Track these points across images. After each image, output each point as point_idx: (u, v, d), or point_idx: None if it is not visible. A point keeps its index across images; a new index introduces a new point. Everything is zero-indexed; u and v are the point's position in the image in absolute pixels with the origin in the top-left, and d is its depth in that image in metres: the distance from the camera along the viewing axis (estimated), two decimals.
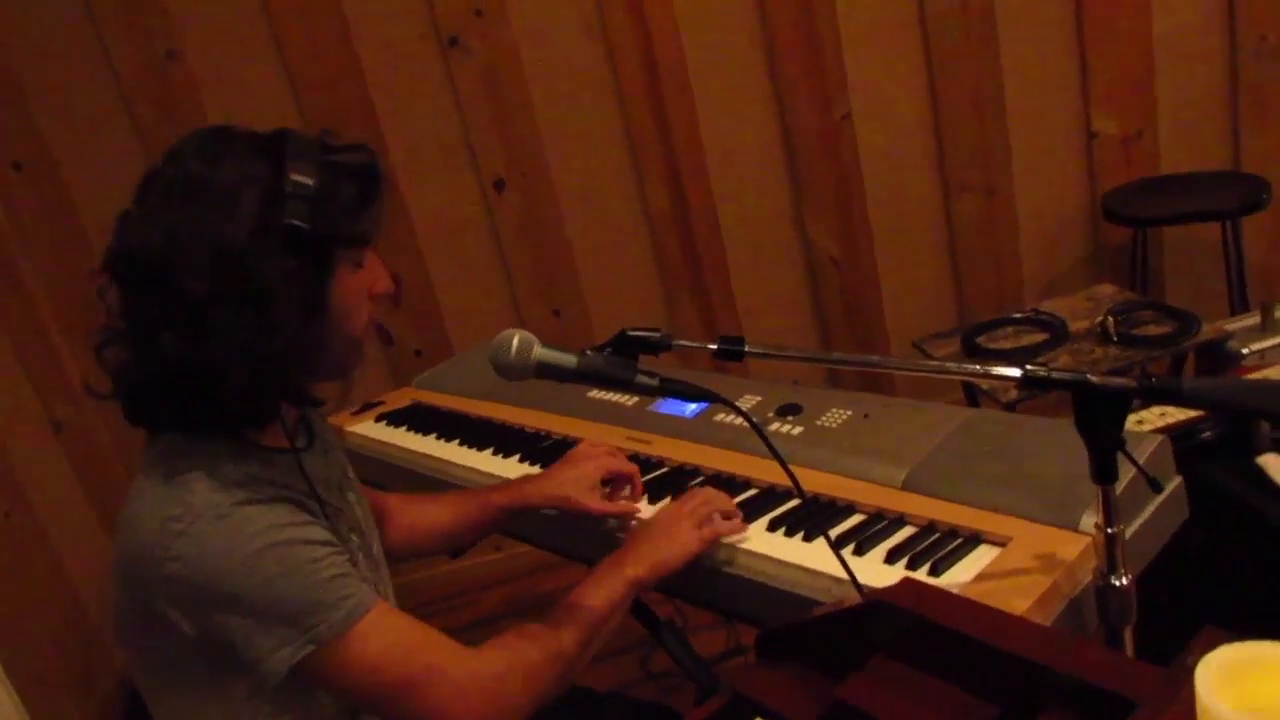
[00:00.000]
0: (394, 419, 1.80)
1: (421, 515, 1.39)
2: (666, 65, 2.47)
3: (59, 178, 2.43)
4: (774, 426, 1.41)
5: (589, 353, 0.99)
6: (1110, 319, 1.94)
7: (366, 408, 1.87)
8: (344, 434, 1.81)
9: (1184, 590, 1.67)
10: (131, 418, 0.98)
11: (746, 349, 1.02)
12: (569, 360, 0.97)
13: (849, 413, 1.40)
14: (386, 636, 0.95)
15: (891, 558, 1.10)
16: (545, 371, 0.97)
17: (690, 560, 1.16)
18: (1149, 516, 1.10)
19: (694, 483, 1.36)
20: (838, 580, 1.07)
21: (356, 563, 1.05)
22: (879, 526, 1.17)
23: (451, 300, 2.63)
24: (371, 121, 2.45)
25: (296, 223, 0.91)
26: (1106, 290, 2.18)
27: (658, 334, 1.04)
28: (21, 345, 2.33)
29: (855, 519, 1.20)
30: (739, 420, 1.46)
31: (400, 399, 1.90)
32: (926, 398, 1.47)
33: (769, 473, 1.31)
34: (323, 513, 1.00)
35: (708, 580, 1.20)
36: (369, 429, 1.79)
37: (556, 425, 1.62)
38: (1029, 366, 0.92)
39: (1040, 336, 2.00)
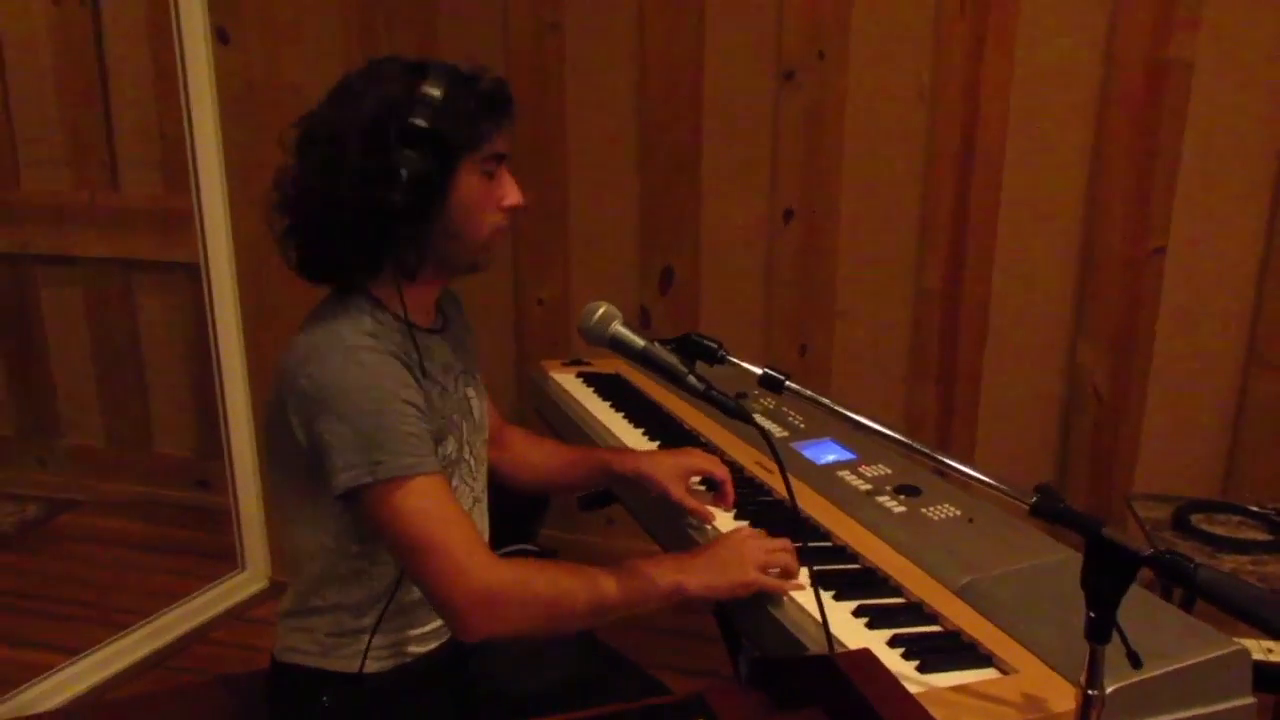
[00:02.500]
0: (590, 380, 1.99)
1: (534, 452, 1.56)
2: (984, 149, 2.45)
3: None
4: (882, 499, 1.43)
5: (657, 344, 1.09)
6: None
7: (576, 363, 2.08)
8: (548, 378, 2.03)
9: None
10: (300, 270, 1.22)
11: (786, 384, 1.07)
12: (638, 343, 1.08)
13: (958, 512, 1.38)
14: (424, 502, 1.11)
15: (895, 641, 1.10)
16: (617, 346, 1.09)
17: (738, 597, 1.21)
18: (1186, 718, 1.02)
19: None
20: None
21: (446, 438, 1.23)
22: (908, 615, 1.17)
23: (711, 305, 2.78)
24: (695, 126, 2.66)
25: (418, 122, 1.11)
26: None
27: (716, 344, 1.12)
28: None
29: (894, 600, 1.21)
30: (863, 485, 1.49)
31: (608, 366, 2.08)
32: None
33: (856, 539, 1.34)
34: (427, 380, 1.19)
35: (748, 610, 1.25)
36: (567, 380, 1.99)
37: (709, 431, 1.72)
38: (1040, 496, 0.90)
39: (1264, 536, 1.80)
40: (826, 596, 1.21)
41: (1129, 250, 2.41)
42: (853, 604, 1.18)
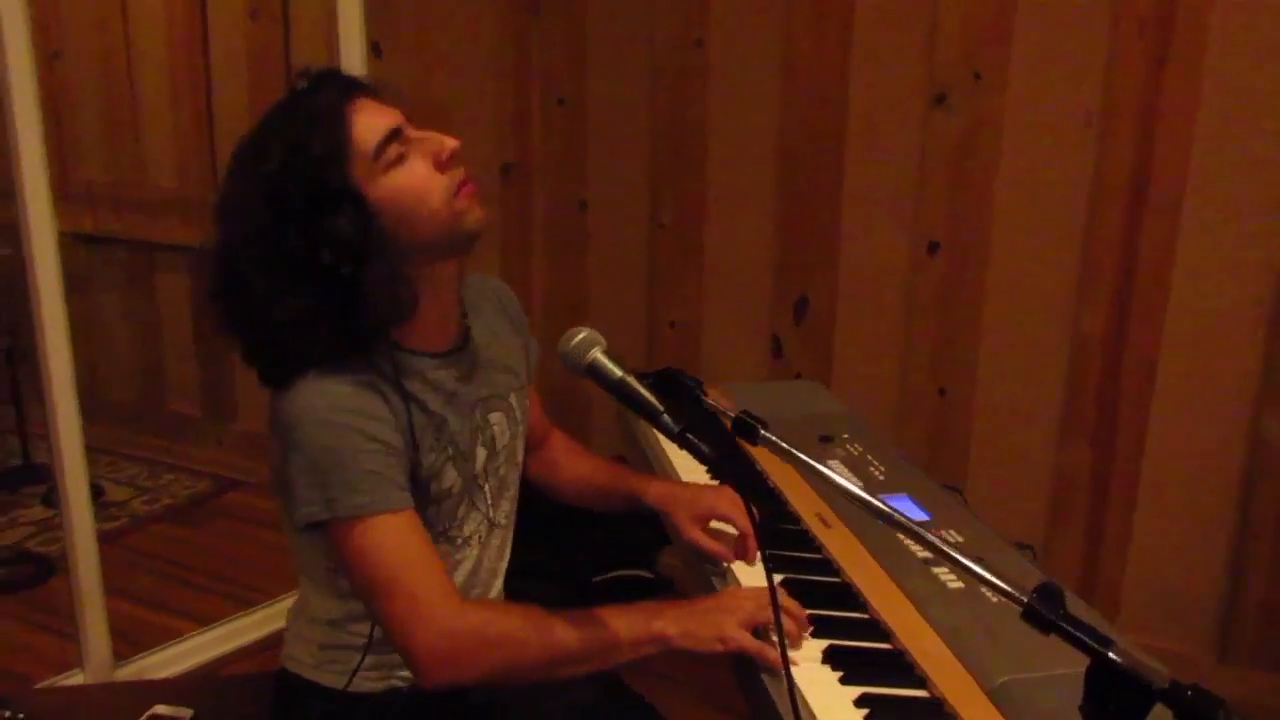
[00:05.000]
0: None
1: (568, 459, 1.50)
2: (1160, 184, 2.17)
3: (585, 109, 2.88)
4: (939, 570, 1.26)
5: (632, 378, 0.99)
6: None
7: None
8: None
9: None
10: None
11: (763, 433, 0.95)
12: (615, 373, 0.98)
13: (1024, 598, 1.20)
14: (386, 541, 1.07)
15: None
16: (594, 374, 0.99)
17: (717, 652, 1.10)
18: None
19: (828, 580, 1.28)
20: None
21: (443, 470, 1.17)
22: (920, 712, 1.01)
23: (846, 339, 2.62)
24: (838, 148, 2.52)
25: (299, 186, 1.04)
26: None
27: (694, 383, 1.01)
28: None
29: (910, 691, 1.05)
30: (923, 553, 1.32)
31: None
32: None
33: (895, 613, 1.19)
34: (408, 413, 1.12)
35: (751, 671, 1.13)
36: None
37: (778, 472, 1.59)
38: (1035, 598, 0.74)
39: None
40: (833, 678, 1.07)
41: None
42: (858, 690, 1.03)
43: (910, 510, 1.44)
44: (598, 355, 1.00)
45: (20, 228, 1.98)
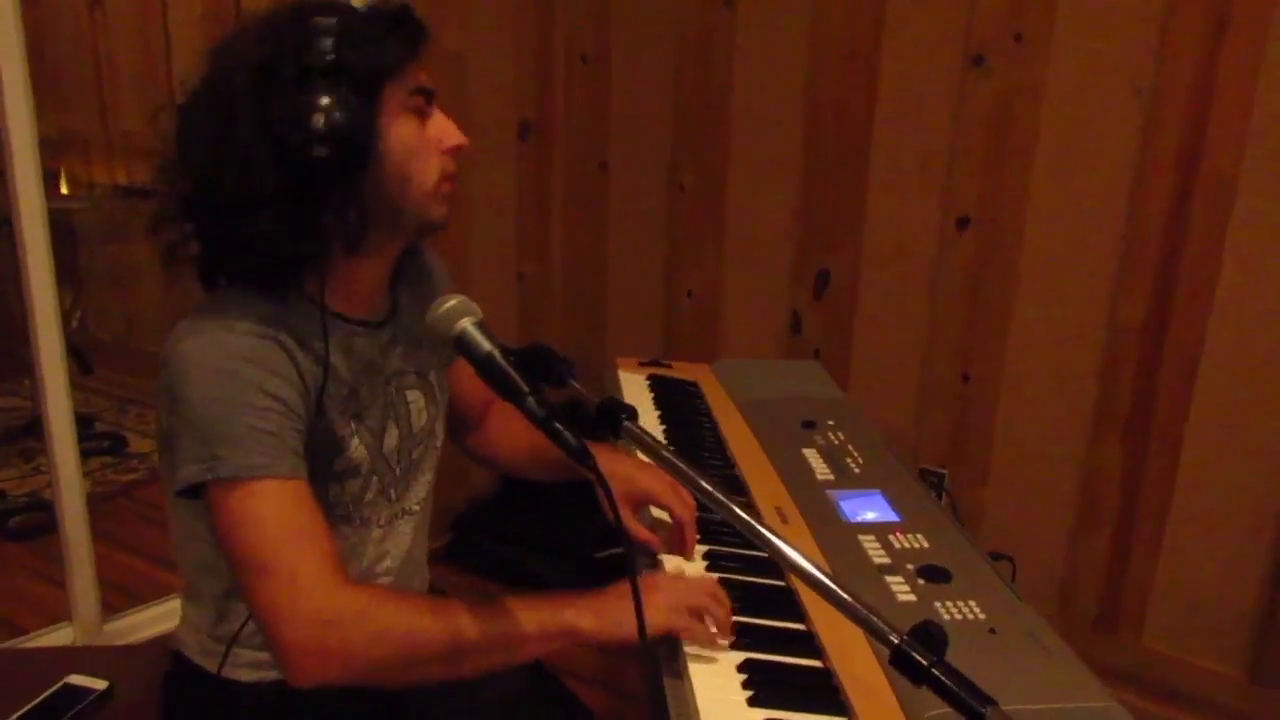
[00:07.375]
0: (656, 384, 1.79)
1: (508, 430, 1.38)
2: (1212, 161, 1.98)
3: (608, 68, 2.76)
4: (894, 580, 1.14)
5: (498, 353, 0.87)
6: None
7: (653, 363, 1.88)
8: (619, 372, 1.84)
9: None
10: (203, 278, 1.07)
11: (625, 424, 0.83)
12: (482, 349, 0.87)
13: (982, 615, 1.07)
14: (268, 509, 0.95)
15: None
16: (460, 347, 0.88)
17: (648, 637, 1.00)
18: None
19: (768, 583, 1.17)
20: None
21: (347, 445, 1.08)
22: None
23: (867, 316, 2.47)
24: (866, 114, 2.36)
25: (319, 55, 0.95)
26: None
27: (566, 364, 0.90)
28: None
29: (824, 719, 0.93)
30: (881, 558, 1.21)
31: (689, 372, 1.87)
32: None
33: (832, 626, 1.07)
34: (320, 376, 1.02)
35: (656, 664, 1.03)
36: (632, 382, 1.80)
37: (749, 462, 1.47)
38: (909, 640, 0.63)
39: None
40: (742, 696, 0.96)
41: None
42: (764, 714, 0.92)
43: (880, 509, 1.32)
44: (468, 326, 0.88)
45: (7, 179, 1.94)
